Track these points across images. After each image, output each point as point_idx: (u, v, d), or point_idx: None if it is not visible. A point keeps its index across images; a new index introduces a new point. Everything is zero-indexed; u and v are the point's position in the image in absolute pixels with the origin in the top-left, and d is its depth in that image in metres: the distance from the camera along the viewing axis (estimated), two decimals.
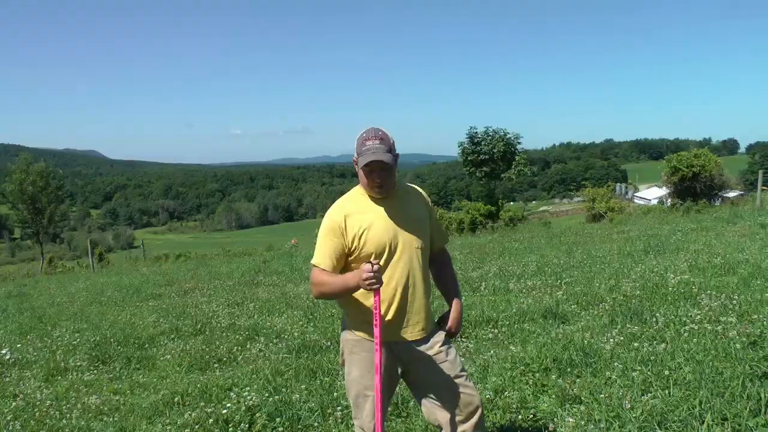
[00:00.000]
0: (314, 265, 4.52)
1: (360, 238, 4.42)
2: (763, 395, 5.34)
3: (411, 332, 4.56)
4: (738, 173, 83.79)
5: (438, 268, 4.90)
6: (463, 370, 4.68)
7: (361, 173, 4.43)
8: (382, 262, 4.43)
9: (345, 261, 4.52)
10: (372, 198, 4.53)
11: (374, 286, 4.25)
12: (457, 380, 4.60)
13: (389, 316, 4.48)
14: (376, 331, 4.38)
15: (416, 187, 4.81)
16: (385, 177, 4.39)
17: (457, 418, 4.61)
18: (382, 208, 4.50)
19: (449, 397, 4.59)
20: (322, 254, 4.49)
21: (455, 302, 4.85)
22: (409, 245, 4.49)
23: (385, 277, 4.43)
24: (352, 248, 4.45)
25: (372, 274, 4.20)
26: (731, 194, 40.16)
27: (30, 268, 51.14)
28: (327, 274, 4.45)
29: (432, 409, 4.69)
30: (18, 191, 63.13)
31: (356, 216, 4.46)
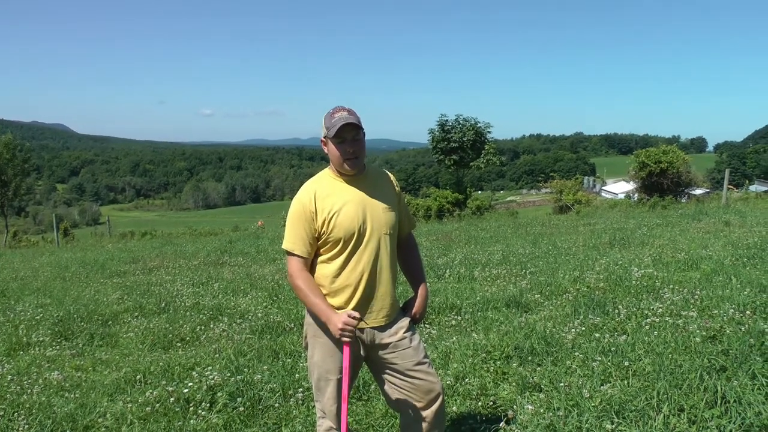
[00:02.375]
0: (288, 252, 4.49)
1: (329, 223, 4.37)
2: (719, 388, 5.40)
3: (375, 318, 4.54)
4: (705, 171, 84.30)
5: (404, 253, 4.88)
6: (425, 356, 4.68)
7: (332, 148, 4.38)
8: (350, 247, 4.43)
9: (316, 245, 4.52)
10: (342, 180, 4.49)
11: (346, 338, 4.31)
12: (419, 367, 4.59)
13: (354, 302, 4.46)
14: (345, 363, 4.45)
15: (386, 171, 4.80)
16: (357, 147, 4.36)
17: (418, 405, 4.61)
18: (351, 192, 4.46)
19: (411, 383, 4.59)
20: (296, 240, 4.45)
21: (421, 288, 4.84)
22: (377, 231, 4.46)
23: (351, 263, 4.44)
24: (321, 232, 4.41)
25: (351, 327, 4.27)
26: (698, 191, 40.52)
27: None
28: (307, 281, 4.44)
29: (393, 395, 4.69)
30: None
31: (326, 199, 4.41)
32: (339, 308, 4.46)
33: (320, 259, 4.52)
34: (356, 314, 4.31)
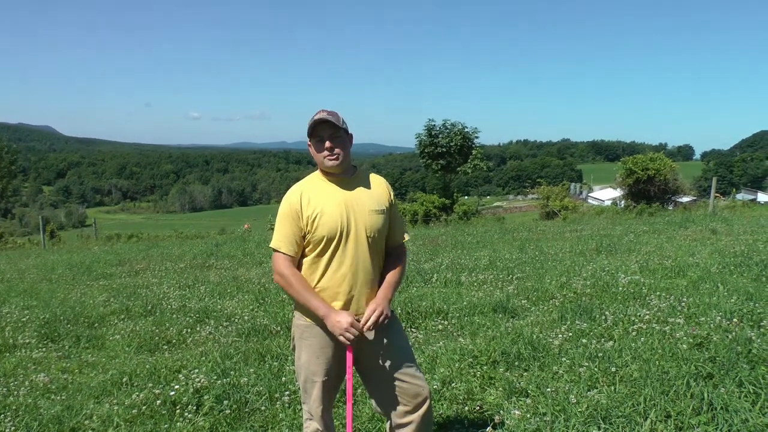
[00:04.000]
0: (276, 250, 4.51)
1: (313, 222, 4.39)
2: (706, 395, 5.42)
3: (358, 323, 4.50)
4: (692, 179, 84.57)
5: (389, 262, 4.76)
6: (412, 360, 4.68)
7: (313, 149, 4.45)
8: (332, 248, 4.43)
9: (303, 244, 4.52)
10: (330, 181, 4.52)
11: (345, 340, 4.33)
12: (406, 370, 4.59)
13: (339, 304, 4.47)
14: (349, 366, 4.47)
15: (379, 177, 4.78)
16: (337, 143, 4.38)
17: (405, 408, 4.59)
18: (338, 194, 4.47)
19: (398, 387, 4.58)
20: (283, 239, 4.47)
21: (374, 300, 4.52)
22: (361, 233, 4.46)
23: (334, 264, 4.45)
24: (306, 231, 4.43)
25: (355, 331, 4.31)
26: (684, 199, 40.62)
27: None
28: (297, 277, 4.45)
29: (380, 398, 4.69)
30: None
31: (312, 199, 4.44)
32: None
33: (305, 260, 4.53)
34: (357, 324, 4.35)
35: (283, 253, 4.47)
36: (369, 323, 4.40)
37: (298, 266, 4.55)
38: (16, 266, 23.94)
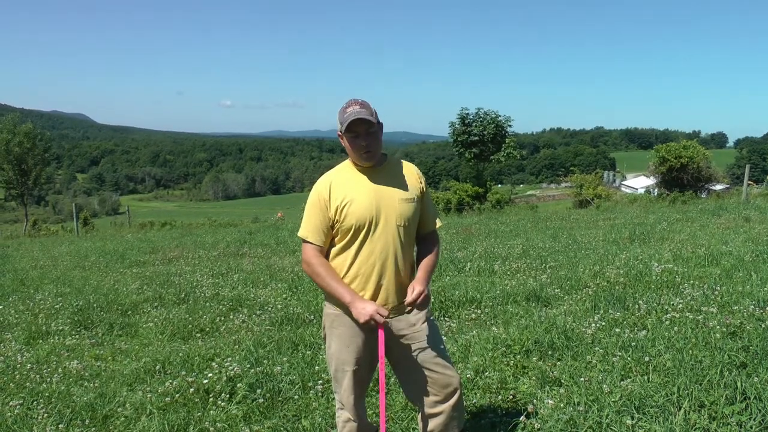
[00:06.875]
0: (304, 239, 4.53)
1: (342, 212, 4.41)
2: (739, 384, 5.38)
3: (388, 309, 4.54)
4: (725, 167, 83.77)
5: (421, 249, 4.80)
6: (443, 350, 4.68)
7: (347, 143, 4.43)
8: (361, 237, 4.46)
9: (331, 234, 4.55)
10: (360, 170, 4.53)
11: (375, 324, 4.38)
12: (436, 360, 4.60)
13: (368, 293, 4.50)
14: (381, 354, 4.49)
15: (410, 164, 4.77)
16: (371, 140, 4.38)
17: (436, 398, 4.61)
18: (368, 183, 4.49)
19: (428, 377, 4.59)
20: (312, 228, 4.50)
21: (411, 284, 4.56)
22: (391, 222, 4.47)
23: (364, 253, 4.47)
24: (335, 221, 4.46)
25: (381, 318, 4.34)
26: (718, 187, 40.34)
27: (13, 230, 50.93)
28: (324, 266, 4.48)
29: (411, 388, 4.71)
30: (4, 151, 62.40)
31: (341, 189, 4.46)
32: None
33: (334, 249, 4.57)
34: (386, 312, 4.37)
35: (311, 243, 4.50)
36: (409, 299, 4.42)
37: (327, 254, 4.58)
38: (49, 253, 24.09)
